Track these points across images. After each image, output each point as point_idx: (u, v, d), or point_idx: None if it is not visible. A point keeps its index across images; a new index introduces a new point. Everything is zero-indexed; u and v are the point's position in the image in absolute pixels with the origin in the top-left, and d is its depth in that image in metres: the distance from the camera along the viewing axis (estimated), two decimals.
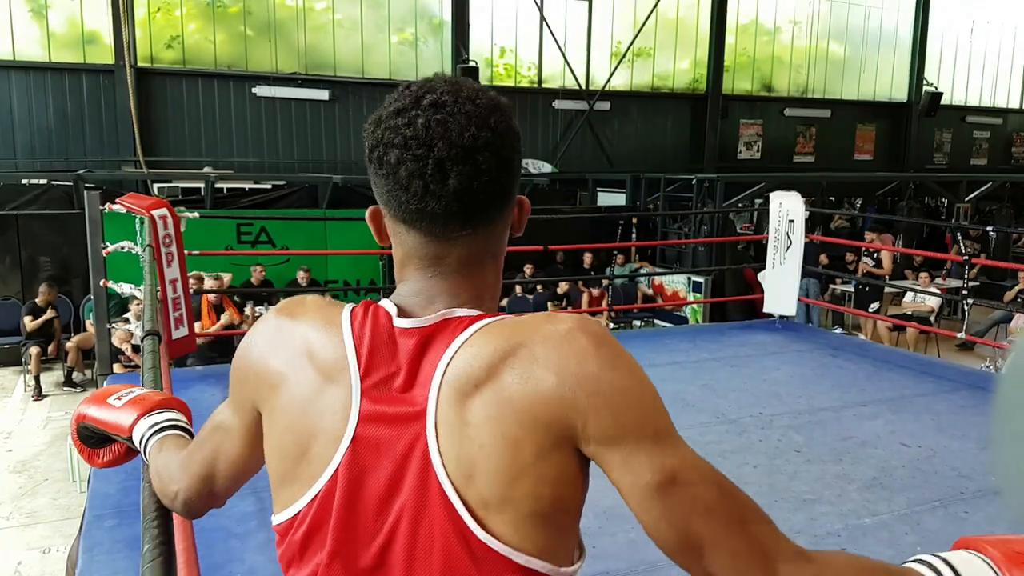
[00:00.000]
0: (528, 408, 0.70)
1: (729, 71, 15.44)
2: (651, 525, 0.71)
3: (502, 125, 0.76)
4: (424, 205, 0.75)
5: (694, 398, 4.47)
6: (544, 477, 0.70)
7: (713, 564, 0.70)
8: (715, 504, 0.71)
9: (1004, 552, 0.68)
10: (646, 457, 0.70)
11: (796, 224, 5.93)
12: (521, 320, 0.75)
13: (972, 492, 3.25)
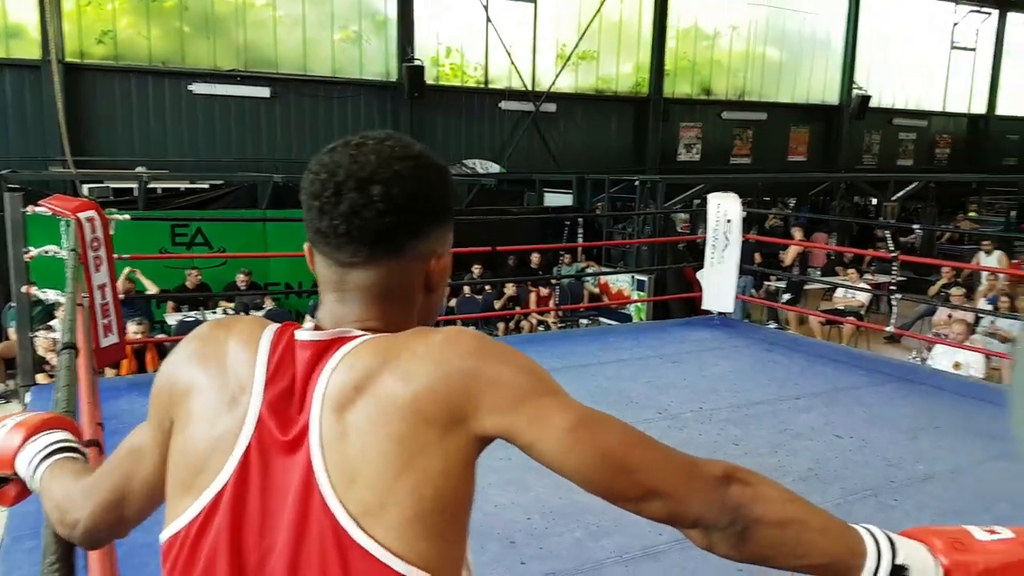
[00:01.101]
0: (411, 404, 0.72)
1: (670, 75, 15.73)
2: (576, 463, 0.74)
3: (408, 171, 0.81)
4: (320, 224, 0.81)
5: (637, 395, 4.57)
6: (428, 472, 0.71)
7: (649, 479, 0.73)
8: (632, 435, 0.76)
9: (942, 539, 0.73)
10: (552, 407, 0.74)
11: (733, 224, 6.11)
12: (404, 332, 0.79)
13: (901, 481, 3.42)
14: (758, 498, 0.74)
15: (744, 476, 0.75)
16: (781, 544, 0.73)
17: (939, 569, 0.71)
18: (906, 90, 18.90)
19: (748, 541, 0.73)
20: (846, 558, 0.73)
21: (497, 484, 3.18)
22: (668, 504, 0.74)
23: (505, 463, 2.93)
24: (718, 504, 0.73)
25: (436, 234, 0.85)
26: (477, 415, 0.74)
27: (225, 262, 8.46)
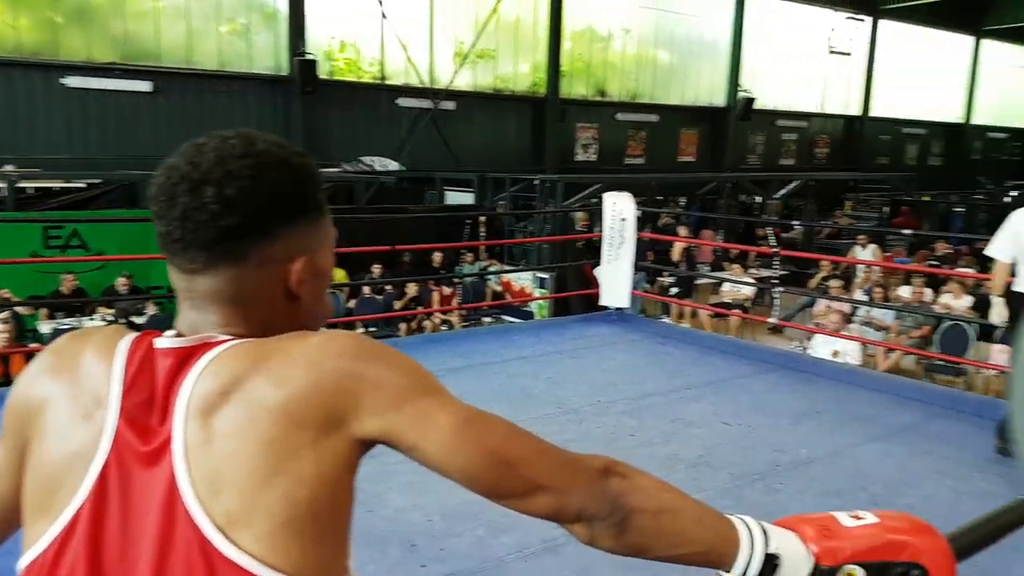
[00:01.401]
0: (283, 408, 0.69)
1: (566, 76, 15.99)
2: (462, 462, 0.72)
3: (246, 170, 0.76)
4: (159, 228, 0.78)
5: (538, 391, 4.63)
6: (301, 477, 0.69)
7: (534, 474, 0.73)
8: (516, 432, 0.75)
9: (812, 526, 0.75)
10: (436, 407, 0.73)
11: (628, 223, 6.27)
12: (278, 336, 0.76)
13: (786, 465, 3.60)
14: (635, 488, 0.75)
15: (622, 469, 0.76)
16: (658, 533, 0.74)
17: (810, 556, 0.74)
18: (787, 93, 19.96)
19: (627, 531, 0.74)
20: (720, 547, 0.75)
21: (397, 488, 3.14)
22: (553, 498, 0.74)
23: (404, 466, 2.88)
24: (599, 496, 0.74)
25: (292, 236, 0.80)
26: (357, 418, 0.71)
27: (103, 265, 7.97)
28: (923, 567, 0.72)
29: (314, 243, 0.83)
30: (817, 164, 20.66)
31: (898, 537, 0.73)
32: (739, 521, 0.76)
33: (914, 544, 0.73)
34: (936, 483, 3.44)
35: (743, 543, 0.74)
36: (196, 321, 0.79)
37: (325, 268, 0.85)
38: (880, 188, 17.01)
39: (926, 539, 0.74)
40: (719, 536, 0.75)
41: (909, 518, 0.76)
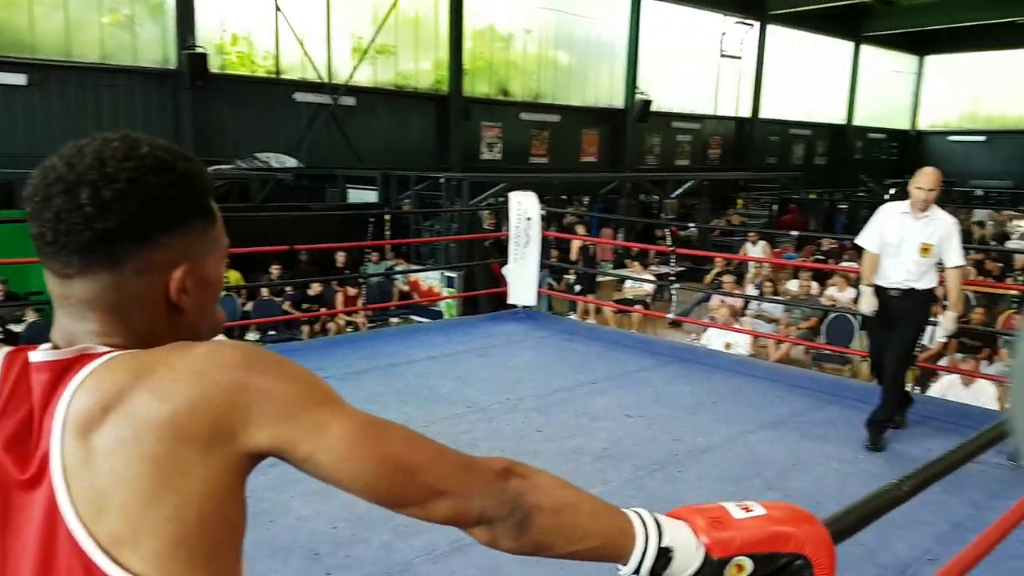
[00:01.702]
0: (168, 422, 0.66)
1: (469, 74, 15.98)
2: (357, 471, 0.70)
3: (125, 172, 0.73)
4: (33, 229, 0.74)
5: (447, 390, 4.61)
6: (189, 495, 0.66)
7: (433, 479, 0.72)
8: (413, 437, 0.74)
9: (704, 517, 0.77)
10: (330, 416, 0.70)
11: (533, 221, 6.34)
12: (161, 347, 0.72)
13: (684, 453, 3.73)
14: (534, 487, 0.75)
15: (521, 469, 0.77)
16: (558, 530, 0.75)
17: (700, 547, 0.76)
18: (682, 95, 20.66)
19: (528, 529, 0.74)
20: (617, 541, 0.76)
21: (299, 496, 3.05)
22: (453, 503, 0.73)
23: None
24: (499, 496, 0.74)
25: (173, 243, 0.76)
26: (247, 430, 0.68)
27: None
28: (806, 557, 0.75)
29: (199, 252, 0.79)
30: (710, 164, 21.48)
31: (783, 528, 0.76)
32: (635, 515, 0.78)
33: (797, 535, 0.76)
34: (825, 467, 3.64)
35: (638, 537, 0.76)
36: (72, 330, 0.75)
37: (212, 278, 0.81)
38: (769, 187, 17.86)
39: (808, 529, 0.77)
40: (616, 530, 0.76)
41: (793, 508, 0.79)
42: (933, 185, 3.77)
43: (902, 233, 3.84)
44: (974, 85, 26.57)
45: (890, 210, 3.98)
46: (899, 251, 3.84)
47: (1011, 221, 17.53)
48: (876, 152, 26.97)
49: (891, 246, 3.86)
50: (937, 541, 2.90)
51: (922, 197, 3.76)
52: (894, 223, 3.88)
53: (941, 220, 3.85)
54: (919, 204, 3.80)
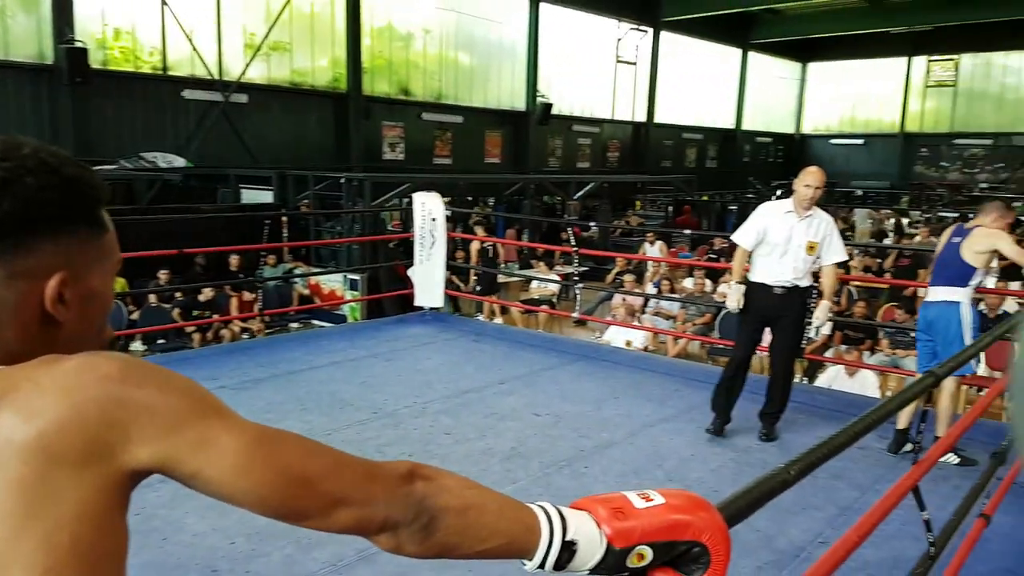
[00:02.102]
0: (35, 443, 0.61)
1: (368, 72, 15.74)
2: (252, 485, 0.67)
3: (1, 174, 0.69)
4: None
5: (352, 396, 4.50)
6: (62, 520, 0.61)
7: (334, 488, 0.69)
8: (310, 446, 0.71)
9: (606, 508, 0.78)
10: (219, 429, 0.66)
11: (438, 222, 6.29)
12: (27, 363, 0.67)
13: (590, 449, 3.78)
14: (440, 489, 0.74)
15: (426, 472, 0.75)
16: (464, 530, 0.73)
17: (603, 538, 0.76)
18: (582, 99, 21.08)
19: (435, 532, 0.72)
20: (523, 537, 0.75)
21: (194, 511, 2.91)
22: (355, 511, 0.70)
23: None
24: (404, 501, 0.71)
25: (51, 250, 0.71)
26: (126, 448, 0.63)
27: None
28: (703, 544, 0.77)
29: (82, 262, 0.73)
30: (610, 167, 22.01)
31: (682, 517, 0.77)
32: (539, 509, 0.77)
33: (695, 523, 0.77)
34: (722, 456, 3.78)
35: (543, 532, 0.75)
36: None
37: (98, 291, 0.75)
38: (665, 189, 18.47)
39: (705, 516, 0.78)
40: (522, 527, 0.76)
41: (691, 496, 0.80)
42: (820, 183, 3.87)
43: (789, 232, 3.89)
44: (853, 91, 28.39)
45: (773, 210, 3.99)
46: (787, 250, 3.89)
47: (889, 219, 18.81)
48: (763, 155, 28.37)
49: (778, 245, 3.90)
50: (828, 524, 3.06)
51: (809, 195, 3.84)
52: (779, 222, 3.92)
53: (823, 218, 3.98)
54: (805, 202, 3.86)
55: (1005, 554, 2.86)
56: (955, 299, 3.74)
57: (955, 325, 3.72)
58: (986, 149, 25.73)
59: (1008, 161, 25.35)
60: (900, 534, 2.72)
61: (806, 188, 3.85)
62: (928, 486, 3.35)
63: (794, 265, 3.90)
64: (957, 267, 3.74)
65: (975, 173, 25.88)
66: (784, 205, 3.97)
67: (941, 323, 3.78)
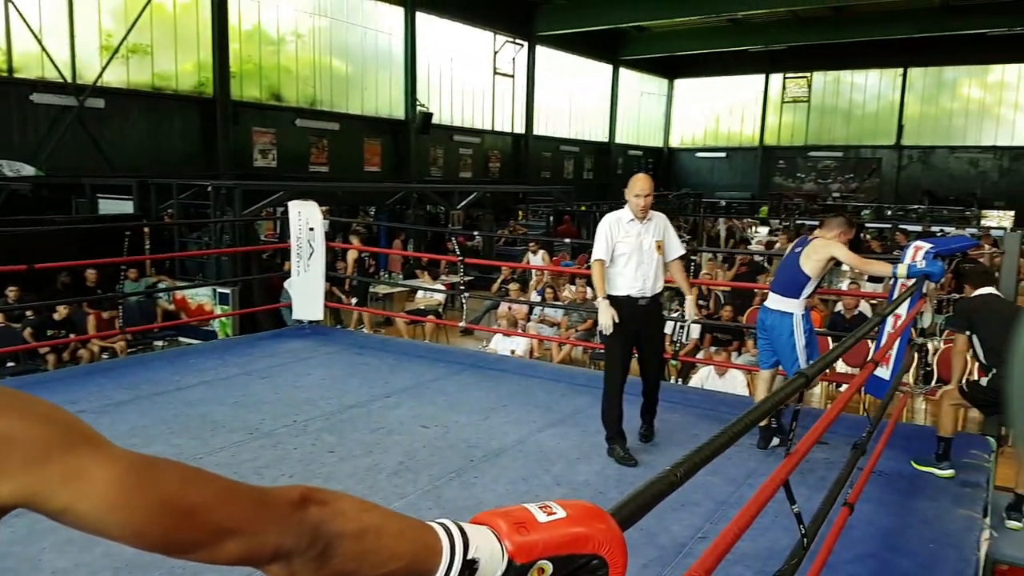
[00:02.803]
0: None
1: (236, 77, 15.12)
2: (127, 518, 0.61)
3: None
4: None
5: (224, 417, 4.27)
6: None
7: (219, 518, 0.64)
8: (191, 473, 0.65)
9: (507, 522, 0.76)
10: (90, 460, 0.60)
11: (316, 232, 6.11)
12: None
13: (479, 458, 3.77)
14: (336, 513, 0.69)
15: (320, 496, 0.70)
16: (363, 555, 0.70)
17: (504, 553, 0.74)
18: (462, 110, 21.16)
19: (331, 559, 0.68)
20: (423, 557, 0.73)
21: (53, 547, 2.66)
22: (244, 540, 0.65)
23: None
24: (297, 528, 0.67)
25: None
26: None
27: None
28: (602, 557, 0.77)
29: None
30: (492, 177, 22.21)
31: (583, 529, 0.77)
32: (440, 528, 0.75)
33: (595, 536, 0.77)
34: (605, 459, 3.86)
35: (444, 551, 0.73)
36: None
37: None
38: (546, 199, 18.84)
39: (603, 528, 0.78)
40: (422, 547, 0.73)
41: (590, 508, 0.80)
42: (650, 190, 3.97)
43: (638, 239, 3.96)
44: (716, 106, 30.09)
45: (617, 221, 3.97)
46: (641, 258, 3.95)
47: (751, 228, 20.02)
48: (635, 167, 29.49)
49: (632, 254, 3.94)
50: (707, 519, 3.18)
51: (643, 204, 3.93)
52: (626, 232, 3.96)
53: (659, 218, 4.08)
54: (643, 210, 3.95)
55: (868, 539, 3.07)
56: (788, 310, 4.00)
57: (787, 334, 3.99)
58: (837, 161, 27.92)
59: (857, 172, 27.61)
60: (774, 526, 2.86)
61: (637, 198, 3.92)
62: (797, 478, 3.57)
63: (652, 272, 3.98)
64: (794, 275, 3.99)
65: (828, 183, 28.01)
66: (624, 215, 3.99)
67: (775, 330, 4.04)
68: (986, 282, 4.01)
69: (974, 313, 3.83)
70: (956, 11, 20.12)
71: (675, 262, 4.12)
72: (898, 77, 26.47)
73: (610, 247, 3.93)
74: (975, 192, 24.93)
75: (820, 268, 3.95)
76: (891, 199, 26.10)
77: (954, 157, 25.93)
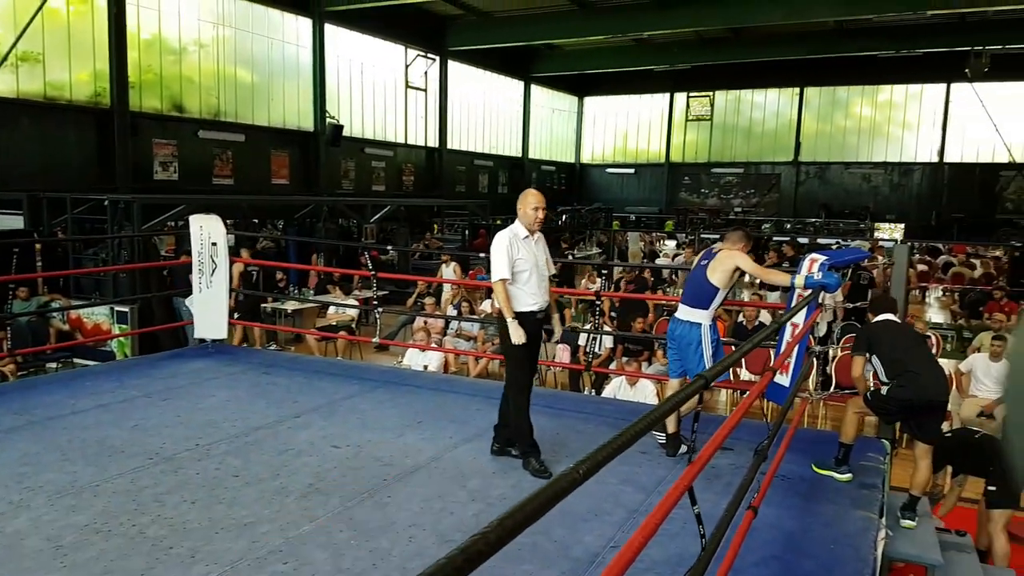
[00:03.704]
0: None
1: (136, 87, 14.50)
2: None
3: None
4: None
5: (123, 442, 4.05)
6: None
7: None
8: None
9: None
10: None
11: (219, 247, 5.90)
12: None
13: (393, 477, 3.70)
14: None
15: None
16: None
17: None
18: (375, 122, 20.94)
19: None
20: None
21: None
22: None
23: None
24: None
25: None
26: None
27: None
28: None
29: None
30: (406, 191, 22.05)
31: None
32: None
33: None
34: (522, 473, 3.86)
35: None
36: None
37: None
38: (461, 213, 18.84)
39: None
40: None
41: None
42: (545, 203, 4.05)
43: (533, 255, 3.99)
44: (624, 124, 30.92)
45: (513, 238, 3.97)
46: (540, 273, 3.99)
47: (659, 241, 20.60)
48: (549, 183, 29.95)
49: (531, 269, 3.94)
50: (619, 528, 3.22)
51: (541, 217, 3.99)
52: (522, 248, 3.97)
53: (540, 235, 4.12)
54: (538, 225, 4.00)
55: (772, 542, 3.17)
56: (697, 320, 4.14)
57: (695, 344, 4.13)
58: (739, 177, 29.14)
59: (757, 187, 28.87)
60: (683, 532, 2.93)
61: (536, 211, 3.97)
62: (704, 484, 3.67)
63: (546, 286, 4.06)
64: (702, 288, 4.14)
65: (731, 198, 29.18)
66: (518, 230, 3.99)
67: (684, 340, 4.18)
68: (885, 309, 4.26)
69: (873, 337, 4.05)
70: (848, 34, 21.43)
71: (548, 278, 4.16)
72: (795, 96, 27.91)
73: (511, 264, 3.92)
74: (868, 206, 26.51)
75: (727, 279, 4.10)
76: (790, 213, 27.43)
77: (848, 172, 27.48)
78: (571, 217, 23.33)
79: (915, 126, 26.43)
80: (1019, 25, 19.05)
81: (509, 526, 1.01)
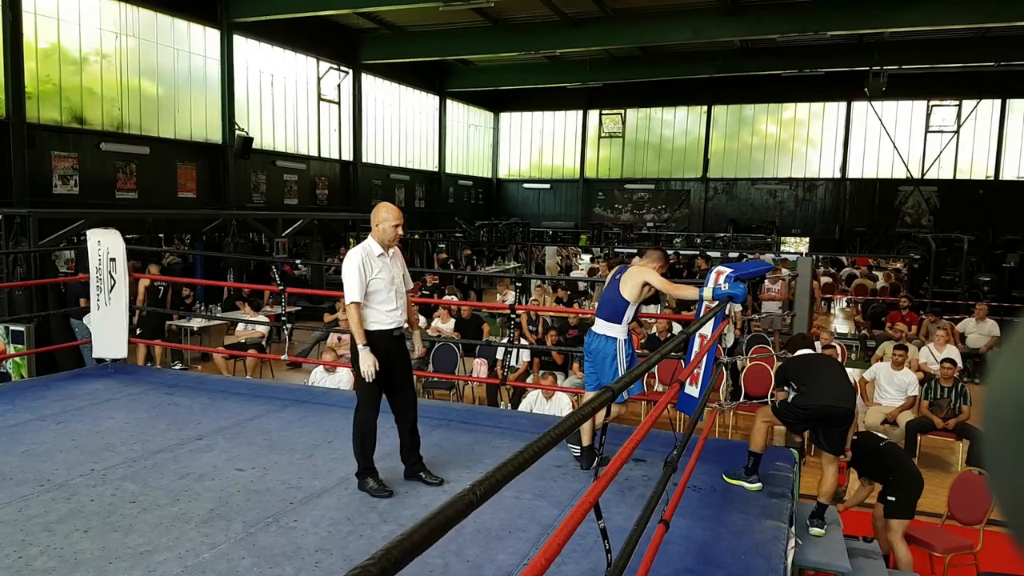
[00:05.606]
0: None
1: (33, 98, 13.72)
2: None
3: None
4: None
5: (12, 468, 3.80)
6: None
7: None
8: None
9: None
10: None
11: (118, 263, 5.62)
12: None
13: (300, 500, 3.58)
14: None
15: None
16: None
17: None
18: (286, 135, 20.47)
19: None
20: None
21: None
22: None
23: None
24: None
25: None
26: None
27: None
28: None
29: None
30: (320, 204, 21.62)
31: None
32: None
33: None
34: (433, 491, 3.81)
35: None
36: None
37: None
38: None
39: None
40: None
41: None
42: (403, 219, 3.95)
43: (389, 273, 3.85)
44: (540, 140, 31.33)
45: (367, 256, 3.83)
46: (397, 290, 3.90)
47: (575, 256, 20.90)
48: (466, 198, 29.98)
49: (389, 289, 3.85)
50: (533, 545, 3.20)
51: (400, 233, 3.89)
52: (377, 266, 3.82)
53: (396, 250, 4.02)
54: (396, 240, 3.92)
55: (684, 555, 3.20)
56: (612, 335, 4.22)
57: (610, 358, 4.21)
58: (650, 192, 29.92)
59: (668, 203, 29.71)
60: (598, 546, 2.92)
61: (396, 228, 3.87)
62: (617, 497, 3.72)
63: (401, 303, 3.95)
64: (615, 302, 4.22)
65: (643, 214, 29.91)
66: (372, 247, 3.87)
67: (600, 353, 4.24)
68: (803, 345, 4.49)
69: (790, 371, 4.22)
70: (753, 53, 22.38)
71: (406, 293, 4.05)
72: (703, 114, 28.92)
73: (364, 285, 3.77)
74: (774, 220, 27.67)
75: (637, 293, 4.18)
76: (699, 228, 28.34)
77: (755, 188, 28.62)
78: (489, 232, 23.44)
79: (818, 143, 27.78)
80: (914, 46, 20.39)
81: (396, 556, 0.91)
